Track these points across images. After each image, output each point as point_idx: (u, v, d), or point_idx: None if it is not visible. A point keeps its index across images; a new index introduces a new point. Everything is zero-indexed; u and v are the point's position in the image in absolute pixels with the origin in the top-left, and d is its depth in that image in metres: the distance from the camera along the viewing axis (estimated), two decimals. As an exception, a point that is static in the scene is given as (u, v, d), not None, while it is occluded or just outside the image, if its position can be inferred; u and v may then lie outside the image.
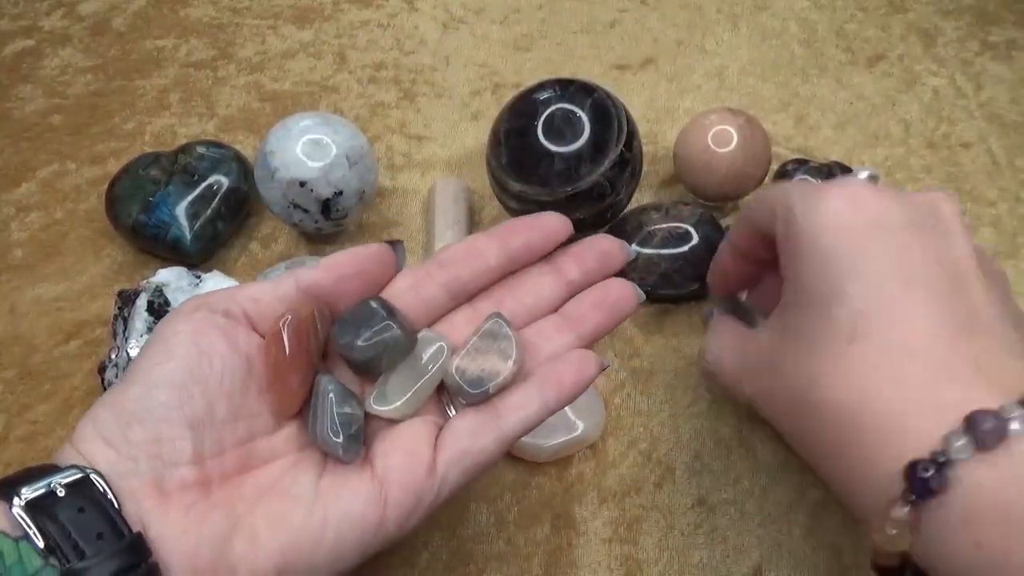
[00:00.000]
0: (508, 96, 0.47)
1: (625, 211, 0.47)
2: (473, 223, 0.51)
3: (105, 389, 0.43)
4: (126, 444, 0.26)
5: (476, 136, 0.56)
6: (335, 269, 0.31)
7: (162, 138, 0.56)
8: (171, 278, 0.45)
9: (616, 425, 0.44)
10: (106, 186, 0.49)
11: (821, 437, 0.29)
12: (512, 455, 0.42)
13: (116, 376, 0.42)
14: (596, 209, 0.44)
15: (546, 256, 0.35)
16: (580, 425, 0.42)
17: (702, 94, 0.58)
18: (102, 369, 0.44)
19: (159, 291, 0.44)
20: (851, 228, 0.29)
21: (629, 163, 0.44)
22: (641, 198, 0.52)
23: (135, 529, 0.25)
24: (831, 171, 0.51)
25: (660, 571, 0.40)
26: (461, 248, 0.34)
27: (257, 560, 0.26)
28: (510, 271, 0.35)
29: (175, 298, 0.44)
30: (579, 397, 0.43)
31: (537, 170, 0.43)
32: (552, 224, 0.34)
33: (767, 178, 0.51)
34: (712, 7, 0.63)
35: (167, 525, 0.26)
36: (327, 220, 0.46)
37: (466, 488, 0.31)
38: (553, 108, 0.43)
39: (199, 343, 0.28)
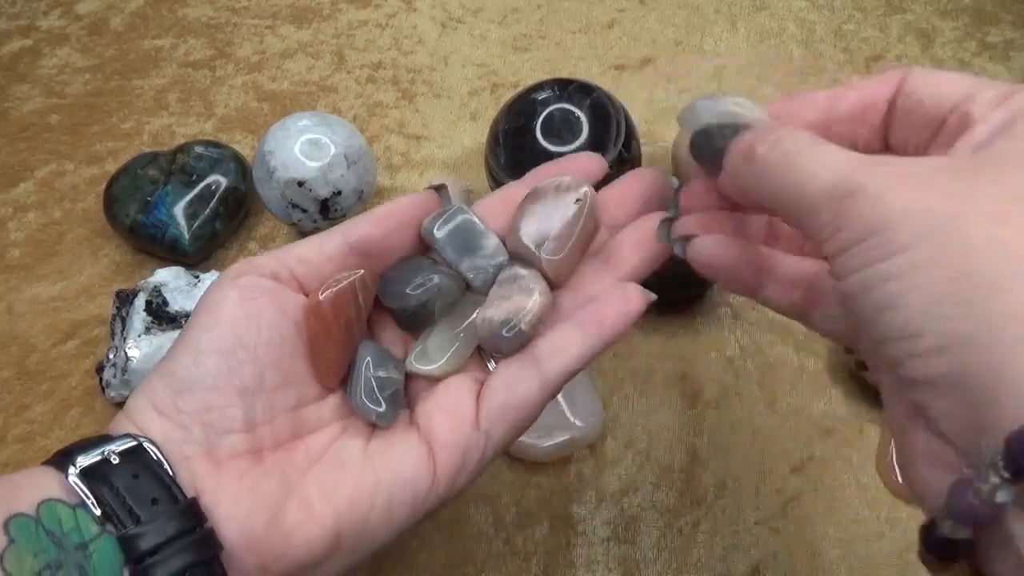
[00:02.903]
0: (507, 96, 0.47)
1: (623, 211, 0.47)
2: (471, 223, 0.51)
3: (103, 389, 0.43)
4: (177, 413, 0.26)
5: (474, 136, 0.56)
6: (384, 221, 0.30)
7: (160, 138, 0.56)
8: (169, 278, 0.45)
9: (614, 425, 0.44)
10: (104, 186, 0.49)
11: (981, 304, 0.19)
12: (510, 455, 0.42)
13: (114, 376, 0.42)
14: (594, 209, 0.44)
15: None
16: (578, 425, 0.42)
17: (701, 94, 0.58)
18: (100, 369, 0.44)
19: (157, 291, 0.44)
20: None
21: (628, 163, 0.44)
22: (639, 198, 0.52)
23: (189, 495, 0.25)
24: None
25: (658, 570, 0.40)
26: (496, 200, 0.33)
27: (312, 527, 0.26)
28: None
29: (173, 298, 0.44)
30: (581, 393, 0.43)
31: (535, 170, 0.43)
32: (583, 164, 0.33)
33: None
34: (710, 7, 0.63)
35: (221, 492, 0.26)
36: (325, 220, 0.46)
37: (516, 440, 0.30)
38: (552, 108, 0.43)
39: (246, 308, 0.28)
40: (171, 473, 0.25)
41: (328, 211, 0.45)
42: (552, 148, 0.42)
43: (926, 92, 0.25)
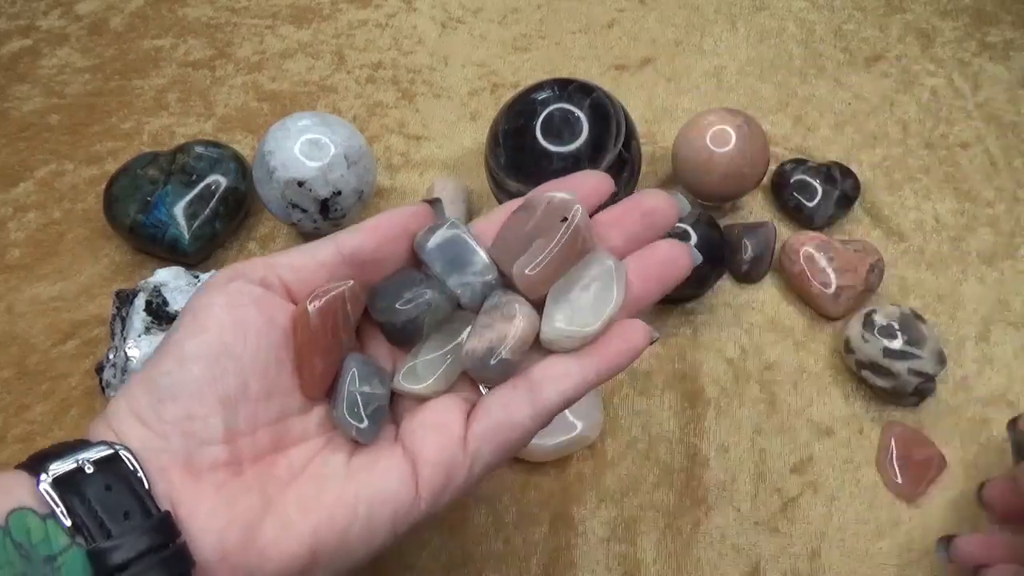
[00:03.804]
0: (507, 96, 0.47)
1: (623, 211, 0.47)
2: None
3: (103, 389, 0.43)
4: (158, 421, 0.26)
5: (474, 136, 0.56)
6: (378, 232, 0.30)
7: (160, 138, 0.56)
8: (169, 278, 0.45)
9: (614, 425, 0.44)
10: (104, 186, 0.49)
11: None
12: (510, 455, 0.42)
13: (114, 376, 0.42)
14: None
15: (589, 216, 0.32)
16: (578, 425, 0.42)
17: (700, 94, 0.58)
18: (99, 369, 0.44)
19: (157, 291, 0.44)
20: None
21: (627, 163, 0.44)
22: (639, 198, 0.52)
23: (164, 508, 0.25)
24: (829, 172, 0.51)
25: (658, 571, 0.40)
26: (495, 217, 0.32)
27: (289, 544, 0.26)
28: None
29: (173, 298, 0.44)
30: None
31: (535, 170, 0.43)
32: (590, 183, 0.32)
33: (765, 178, 0.51)
34: (710, 7, 0.63)
35: (198, 504, 0.25)
36: (325, 220, 0.46)
37: (502, 464, 0.29)
38: (552, 108, 0.43)
39: (234, 315, 0.27)
40: (146, 485, 0.25)
41: (328, 211, 0.45)
42: (552, 148, 0.42)
43: None
